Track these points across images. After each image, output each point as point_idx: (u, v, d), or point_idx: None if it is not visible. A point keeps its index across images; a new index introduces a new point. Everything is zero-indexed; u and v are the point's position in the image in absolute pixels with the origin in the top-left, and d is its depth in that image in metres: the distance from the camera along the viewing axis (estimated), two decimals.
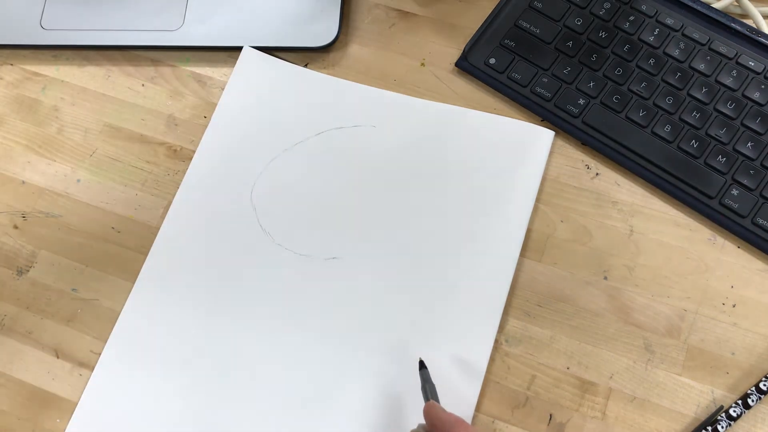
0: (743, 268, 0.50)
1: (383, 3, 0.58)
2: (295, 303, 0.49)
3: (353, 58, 0.57)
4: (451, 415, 0.41)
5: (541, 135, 0.53)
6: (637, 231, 0.51)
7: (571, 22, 0.55)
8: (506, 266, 0.49)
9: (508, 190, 0.51)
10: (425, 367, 0.46)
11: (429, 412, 0.42)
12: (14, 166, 0.55)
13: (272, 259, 0.51)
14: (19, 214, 0.53)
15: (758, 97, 0.52)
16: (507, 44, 0.55)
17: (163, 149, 0.55)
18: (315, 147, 0.54)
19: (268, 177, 0.53)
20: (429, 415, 0.42)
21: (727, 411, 0.46)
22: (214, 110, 0.55)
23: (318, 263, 0.51)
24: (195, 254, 0.51)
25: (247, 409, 0.47)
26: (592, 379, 0.48)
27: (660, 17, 0.55)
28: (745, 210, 0.50)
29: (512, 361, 0.48)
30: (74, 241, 0.52)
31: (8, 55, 0.58)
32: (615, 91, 0.53)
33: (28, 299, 0.51)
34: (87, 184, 0.54)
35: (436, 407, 0.42)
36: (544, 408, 0.47)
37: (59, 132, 0.56)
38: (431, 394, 0.44)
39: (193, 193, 0.53)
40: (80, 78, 0.57)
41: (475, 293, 0.49)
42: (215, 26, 0.57)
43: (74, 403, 0.48)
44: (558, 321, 0.49)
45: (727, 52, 0.53)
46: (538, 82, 0.54)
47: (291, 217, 0.52)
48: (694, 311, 0.49)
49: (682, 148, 0.51)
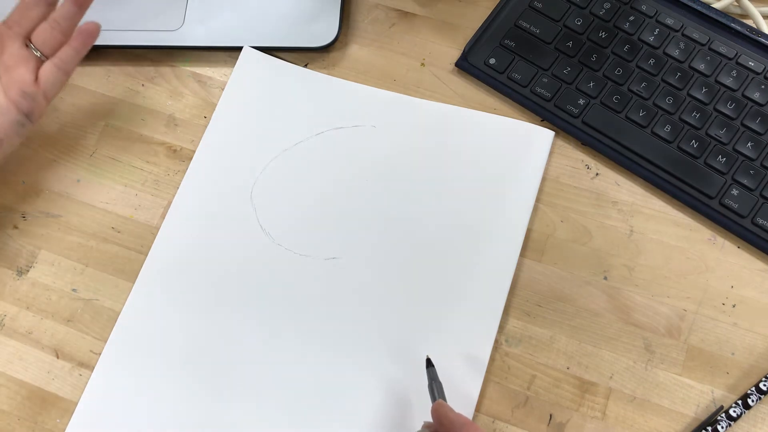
0: (743, 268, 0.50)
1: (383, 3, 0.58)
2: (295, 303, 0.49)
3: (353, 58, 0.57)
4: (460, 415, 0.41)
5: (541, 135, 0.53)
6: (637, 231, 0.51)
7: (571, 22, 0.55)
8: (506, 266, 0.49)
9: (508, 189, 0.51)
10: (432, 365, 0.45)
11: (438, 411, 0.41)
12: (14, 166, 0.55)
13: (272, 259, 0.51)
14: (19, 214, 0.53)
15: (758, 97, 0.52)
16: (507, 44, 0.55)
17: (163, 149, 0.55)
18: (315, 147, 0.54)
19: (268, 177, 0.53)
20: (437, 414, 0.41)
21: (727, 411, 0.46)
22: (214, 110, 0.55)
23: (318, 263, 0.51)
24: (195, 254, 0.51)
25: (248, 409, 0.47)
26: (592, 379, 0.48)
27: (660, 17, 0.55)
28: (745, 210, 0.50)
29: (512, 361, 0.48)
30: (74, 241, 0.52)
31: None
32: (615, 91, 0.53)
33: (28, 299, 0.51)
34: (87, 184, 0.54)
35: (444, 407, 0.41)
36: (544, 408, 0.47)
37: (59, 132, 0.56)
38: (438, 393, 0.43)
39: (192, 193, 0.53)
40: (80, 78, 0.57)
41: (476, 292, 0.49)
42: (215, 26, 0.57)
43: (74, 403, 0.48)
44: (558, 321, 0.49)
45: (727, 52, 0.53)
46: (538, 82, 0.54)
47: (291, 217, 0.52)
48: (694, 311, 0.49)
49: (682, 148, 0.52)
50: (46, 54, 0.49)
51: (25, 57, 0.48)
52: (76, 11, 0.49)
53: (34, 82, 0.48)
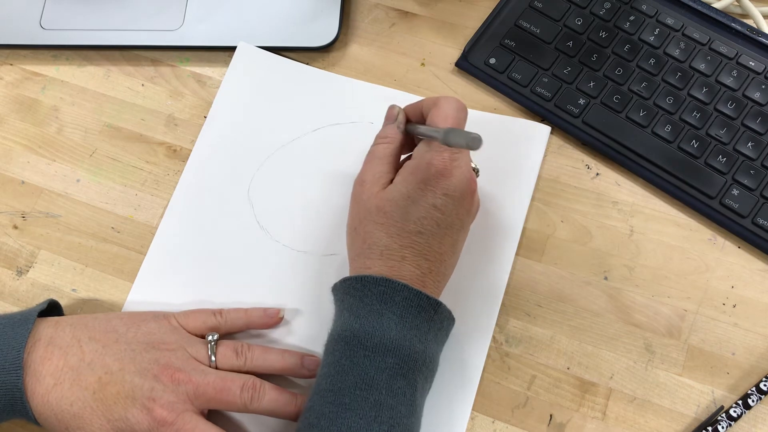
0: (743, 268, 0.50)
1: (383, 3, 0.58)
2: (293, 299, 0.49)
3: (353, 58, 0.57)
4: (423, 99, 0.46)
5: (538, 130, 0.53)
6: (638, 231, 0.51)
7: (571, 22, 0.55)
8: (503, 263, 0.49)
9: (505, 186, 0.51)
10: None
11: (404, 110, 0.46)
12: (14, 166, 0.55)
13: (270, 255, 0.51)
14: (19, 214, 0.53)
15: (758, 97, 0.52)
16: (507, 44, 0.55)
17: (162, 149, 0.55)
18: (311, 143, 0.54)
19: (265, 174, 0.53)
20: (404, 112, 0.46)
21: (727, 411, 0.46)
22: (211, 106, 0.55)
23: (315, 259, 0.50)
24: (193, 252, 0.51)
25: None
26: (593, 379, 0.47)
27: (660, 17, 0.55)
28: (746, 210, 0.50)
29: (512, 361, 0.48)
30: (74, 241, 0.52)
31: (8, 55, 0.58)
32: (615, 91, 0.53)
33: (28, 299, 0.51)
34: (86, 184, 0.54)
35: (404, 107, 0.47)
36: (544, 408, 0.47)
37: (59, 132, 0.56)
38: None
39: (190, 191, 0.53)
40: (80, 78, 0.57)
41: (472, 290, 0.49)
42: (215, 26, 0.57)
43: None
44: (558, 321, 0.49)
45: (728, 52, 0.53)
46: (539, 82, 0.54)
47: (288, 213, 0.52)
48: (695, 311, 0.49)
49: (682, 148, 0.51)
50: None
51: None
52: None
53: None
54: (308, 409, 0.40)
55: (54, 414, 0.41)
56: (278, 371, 0.46)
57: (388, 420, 0.38)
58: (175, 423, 0.41)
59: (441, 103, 0.44)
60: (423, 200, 0.42)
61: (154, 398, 0.41)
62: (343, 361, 0.40)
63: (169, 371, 0.42)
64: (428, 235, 0.42)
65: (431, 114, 0.44)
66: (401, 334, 0.40)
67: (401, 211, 0.42)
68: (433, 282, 0.43)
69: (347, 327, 0.41)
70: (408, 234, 0.42)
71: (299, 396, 0.44)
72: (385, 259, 0.42)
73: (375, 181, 0.44)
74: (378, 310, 0.41)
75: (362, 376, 0.39)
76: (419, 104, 0.46)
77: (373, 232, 0.43)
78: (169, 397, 0.41)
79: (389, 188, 0.43)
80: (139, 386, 0.41)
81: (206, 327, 0.46)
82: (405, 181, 0.43)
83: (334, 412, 0.38)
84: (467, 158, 0.44)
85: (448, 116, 0.43)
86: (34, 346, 0.42)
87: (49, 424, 0.42)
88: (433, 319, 0.42)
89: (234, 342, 0.46)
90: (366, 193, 0.44)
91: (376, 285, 0.41)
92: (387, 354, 0.40)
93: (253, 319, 0.47)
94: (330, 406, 0.39)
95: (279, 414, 0.44)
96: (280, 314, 0.48)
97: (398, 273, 0.42)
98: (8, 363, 0.41)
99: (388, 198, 0.43)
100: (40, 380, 0.41)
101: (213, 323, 0.46)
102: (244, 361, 0.45)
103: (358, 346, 0.40)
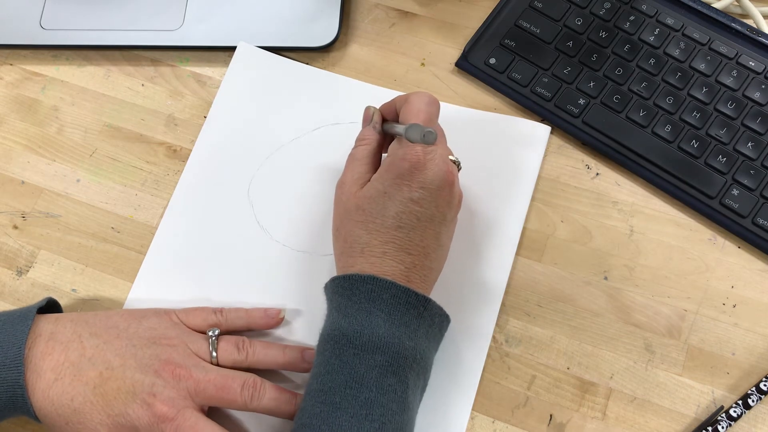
0: (743, 268, 0.50)
1: (383, 3, 0.58)
2: (293, 299, 0.49)
3: (353, 58, 0.57)
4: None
5: (538, 130, 0.53)
6: (638, 231, 0.51)
7: (571, 21, 0.55)
8: (503, 263, 0.49)
9: (506, 185, 0.51)
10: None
11: (381, 109, 0.47)
12: (14, 166, 0.55)
13: (270, 255, 0.51)
14: (19, 214, 0.53)
15: (758, 97, 0.52)
16: (507, 44, 0.55)
17: (162, 149, 0.55)
18: (311, 143, 0.54)
19: (265, 173, 0.53)
20: (379, 112, 0.47)
21: (727, 411, 0.46)
22: (211, 106, 0.55)
23: (315, 259, 0.50)
24: (192, 252, 0.51)
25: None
26: (593, 379, 0.47)
27: (660, 17, 0.55)
28: (746, 210, 0.50)
29: (512, 361, 0.48)
30: (74, 241, 0.52)
31: (8, 55, 0.58)
32: (615, 91, 0.53)
33: (28, 299, 0.51)
34: (86, 184, 0.54)
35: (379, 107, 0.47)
36: (544, 408, 0.47)
37: (59, 132, 0.56)
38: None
39: (190, 191, 0.53)
40: (80, 78, 0.57)
41: (472, 290, 0.49)
42: (215, 26, 0.57)
43: None
44: (558, 321, 0.49)
45: (728, 52, 0.53)
46: (539, 82, 0.54)
47: (288, 213, 0.52)
48: (695, 311, 0.49)
49: (682, 148, 0.51)
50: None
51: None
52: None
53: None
54: (301, 409, 0.40)
55: (55, 409, 0.41)
56: (279, 366, 0.46)
57: (378, 418, 0.38)
58: (176, 419, 0.41)
59: (411, 99, 0.44)
60: (399, 195, 0.42)
61: (155, 394, 0.41)
62: (333, 360, 0.40)
63: (170, 367, 0.42)
64: (408, 229, 0.42)
65: (403, 110, 0.45)
66: (390, 332, 0.40)
67: (379, 207, 0.43)
68: (419, 276, 0.43)
69: (336, 326, 0.41)
70: (387, 229, 0.42)
71: (298, 395, 0.44)
72: (366, 256, 0.42)
73: (354, 182, 0.45)
74: (366, 309, 0.41)
75: (352, 375, 0.39)
76: (393, 102, 0.47)
77: (353, 231, 0.43)
78: (170, 393, 0.41)
79: (366, 186, 0.44)
80: (140, 382, 0.41)
81: (207, 324, 0.46)
82: (381, 178, 0.43)
83: (325, 411, 0.39)
84: (443, 151, 0.44)
85: (420, 111, 0.44)
86: (34, 341, 0.42)
87: (49, 420, 0.42)
88: (423, 316, 0.42)
89: (235, 337, 0.46)
90: (345, 194, 0.45)
91: (363, 283, 0.41)
92: (376, 352, 0.40)
93: (253, 320, 0.47)
94: (321, 406, 0.39)
95: (278, 413, 0.44)
96: (281, 315, 0.48)
97: (380, 269, 0.42)
98: (9, 360, 0.41)
99: (365, 196, 0.43)
100: (41, 375, 0.41)
101: (214, 321, 0.46)
102: (245, 355, 0.45)
103: (347, 344, 0.40)
